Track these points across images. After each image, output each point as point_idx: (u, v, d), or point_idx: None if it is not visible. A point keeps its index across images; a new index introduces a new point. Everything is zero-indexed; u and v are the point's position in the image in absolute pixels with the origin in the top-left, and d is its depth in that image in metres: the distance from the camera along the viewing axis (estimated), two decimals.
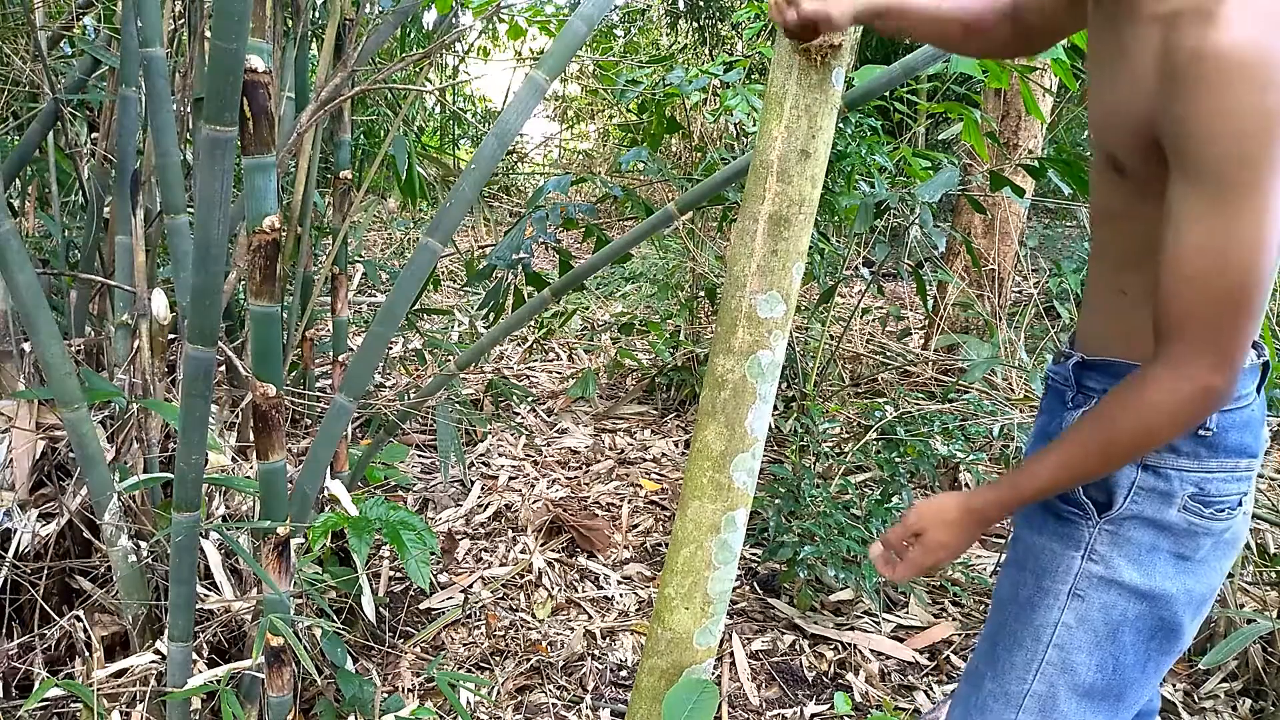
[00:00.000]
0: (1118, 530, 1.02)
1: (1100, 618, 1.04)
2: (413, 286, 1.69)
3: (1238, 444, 0.99)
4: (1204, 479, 0.99)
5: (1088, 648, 1.04)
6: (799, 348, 3.48)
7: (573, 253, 3.37)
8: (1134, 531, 1.02)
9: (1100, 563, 1.03)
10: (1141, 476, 1.00)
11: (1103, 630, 1.04)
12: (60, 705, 1.70)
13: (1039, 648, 1.07)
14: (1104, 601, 1.03)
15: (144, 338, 1.68)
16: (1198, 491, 0.99)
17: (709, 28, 6.39)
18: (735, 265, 1.45)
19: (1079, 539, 1.04)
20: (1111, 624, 1.03)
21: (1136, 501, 1.01)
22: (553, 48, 1.62)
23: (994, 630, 1.13)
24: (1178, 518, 1.00)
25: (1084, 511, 1.04)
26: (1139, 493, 1.01)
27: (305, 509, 1.65)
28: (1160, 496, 1.00)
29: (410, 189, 3.59)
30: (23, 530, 1.67)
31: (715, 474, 1.51)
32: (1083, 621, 1.04)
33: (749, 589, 2.49)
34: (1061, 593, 1.05)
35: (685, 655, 1.58)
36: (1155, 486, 1.00)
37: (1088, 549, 1.04)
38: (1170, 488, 1.00)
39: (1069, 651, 1.05)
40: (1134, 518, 1.02)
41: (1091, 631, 1.04)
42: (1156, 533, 1.01)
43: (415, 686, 2.01)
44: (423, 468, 3.11)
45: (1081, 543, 1.04)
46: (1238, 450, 0.99)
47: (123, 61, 1.75)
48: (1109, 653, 1.04)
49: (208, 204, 1.20)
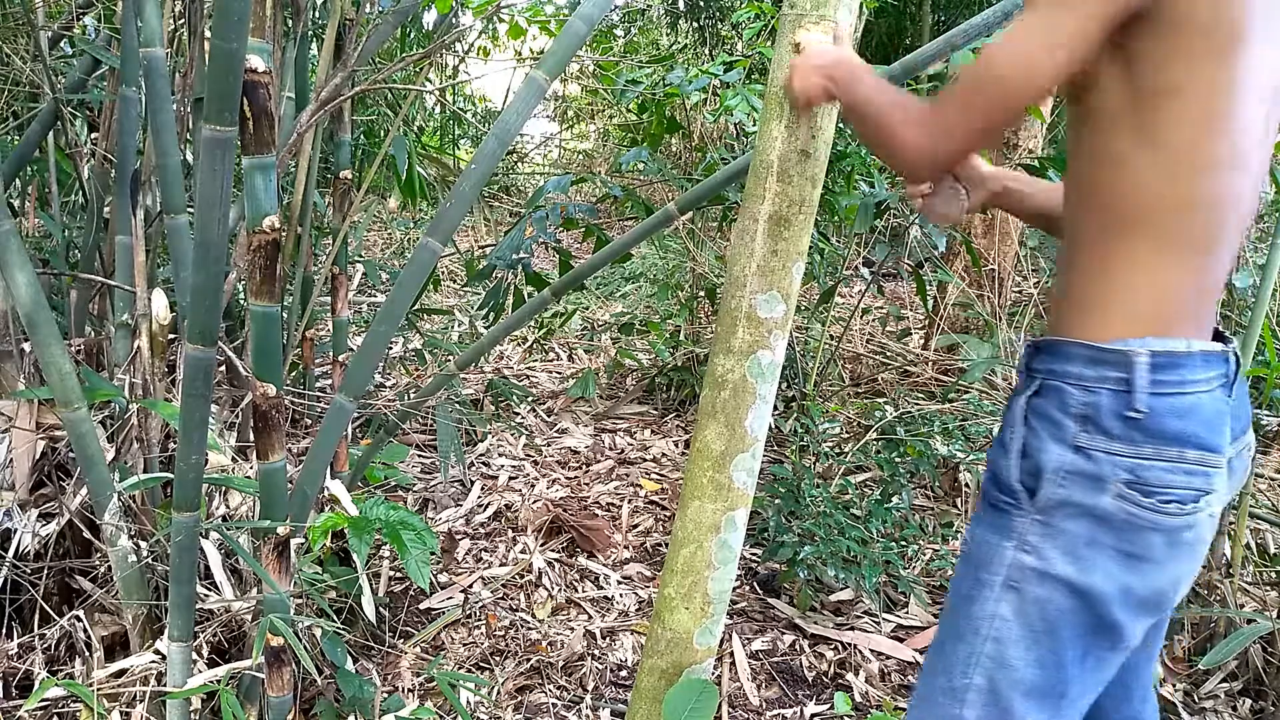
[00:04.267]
0: (1049, 520, 1.00)
1: (1036, 612, 1.01)
2: (413, 286, 1.69)
3: (1177, 431, 0.95)
4: (1139, 465, 0.95)
5: (1025, 642, 1.02)
6: (799, 348, 3.48)
7: (573, 253, 3.37)
8: (1069, 523, 0.99)
9: (1033, 554, 1.01)
10: (1071, 459, 0.98)
11: (1040, 625, 1.01)
12: (60, 705, 1.70)
13: (977, 640, 1.05)
14: (1039, 595, 1.01)
15: (144, 338, 1.68)
16: (1133, 479, 0.95)
17: (709, 28, 6.39)
18: (735, 265, 1.45)
19: (1011, 529, 1.02)
20: (1048, 619, 1.01)
21: (1064, 485, 0.98)
22: (553, 48, 1.62)
23: (942, 624, 1.12)
24: (1113, 506, 0.96)
25: (1016, 500, 1.02)
26: (1066, 476, 0.98)
27: (305, 509, 1.65)
28: (1090, 481, 0.97)
29: (410, 189, 3.60)
30: (23, 530, 1.67)
31: (715, 474, 1.51)
32: (1019, 615, 1.02)
33: (749, 589, 2.49)
34: (996, 584, 1.03)
35: (685, 655, 1.58)
36: (1083, 469, 0.97)
37: (1020, 539, 1.01)
38: (1099, 471, 0.96)
39: (1005, 645, 1.03)
40: (1066, 505, 0.98)
41: (1027, 626, 1.02)
42: (1094, 525, 0.97)
43: (415, 686, 2.01)
44: (423, 468, 3.11)
45: (1013, 533, 1.02)
46: (1178, 438, 0.95)
47: (123, 61, 1.75)
48: (1048, 649, 1.01)
49: (208, 204, 1.20)
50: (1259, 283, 2.05)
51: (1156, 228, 0.95)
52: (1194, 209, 0.94)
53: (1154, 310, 0.96)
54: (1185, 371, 0.95)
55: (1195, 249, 0.96)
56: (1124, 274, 0.97)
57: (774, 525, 2.37)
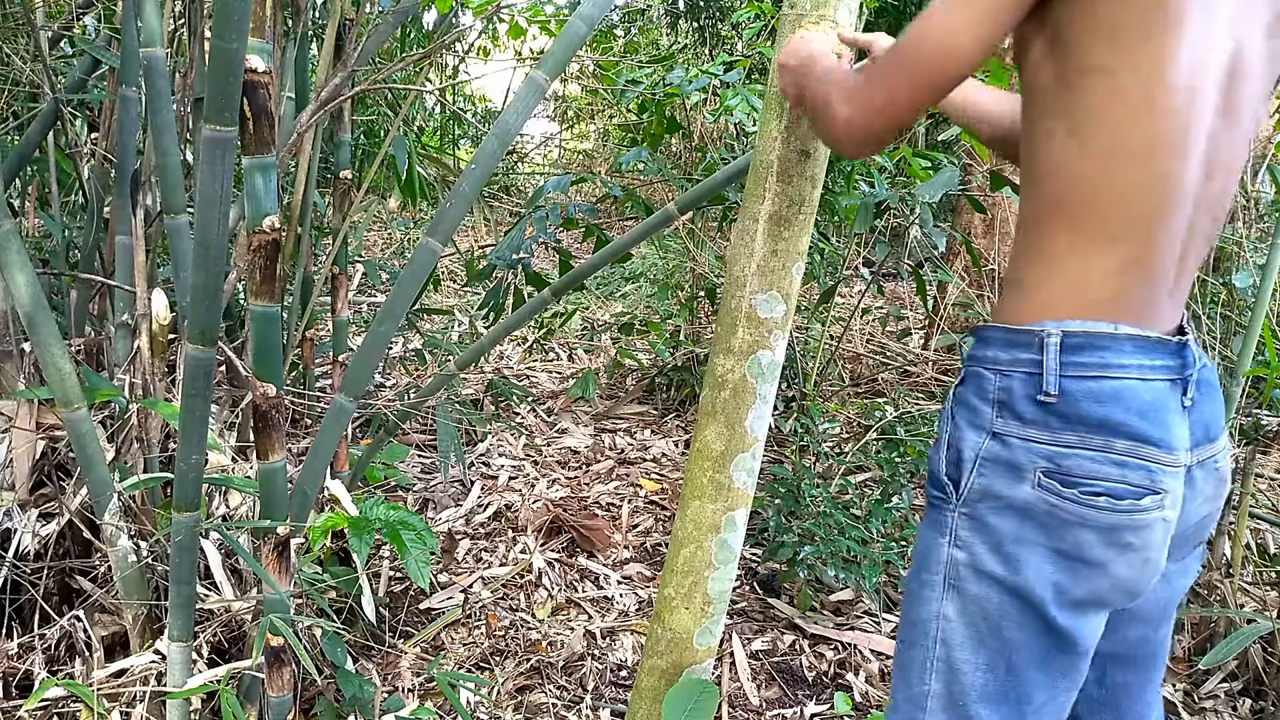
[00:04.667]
0: (974, 513, 0.95)
1: (978, 611, 0.96)
2: (413, 286, 1.69)
3: (1098, 417, 0.89)
4: (1058, 453, 0.90)
5: (971, 644, 0.97)
6: (799, 348, 3.48)
7: (573, 253, 3.37)
8: (994, 518, 0.94)
9: (964, 549, 0.96)
10: (988, 445, 0.94)
11: (983, 626, 0.96)
12: (60, 705, 1.70)
13: (928, 643, 1.00)
14: (977, 594, 0.96)
15: (144, 338, 1.68)
16: (1052, 467, 0.90)
17: (709, 28, 6.39)
18: (735, 265, 1.45)
19: (945, 524, 0.98)
20: (991, 619, 0.95)
21: (984, 474, 0.94)
22: (553, 48, 1.62)
23: (899, 630, 1.07)
24: (1033, 496, 0.91)
25: (945, 494, 0.98)
26: (985, 464, 0.94)
27: (305, 509, 1.65)
28: (1008, 469, 0.93)
29: (410, 189, 3.60)
30: (23, 530, 1.67)
31: (715, 474, 1.51)
32: (961, 615, 0.97)
33: (749, 589, 2.49)
34: (937, 583, 0.99)
35: (685, 655, 1.58)
36: (1000, 456, 0.93)
37: (953, 535, 0.97)
38: (1016, 458, 0.92)
39: (952, 648, 0.98)
40: (988, 497, 0.94)
41: (972, 627, 0.97)
42: (1019, 520, 0.92)
43: (415, 686, 2.01)
44: (423, 468, 3.11)
45: (946, 528, 0.98)
46: (1100, 425, 0.89)
47: (123, 61, 1.75)
48: (995, 651, 0.96)
49: (208, 204, 1.20)
50: (1259, 283, 2.05)
51: (1077, 212, 0.91)
52: (1118, 195, 0.89)
53: (1073, 293, 0.92)
54: (1108, 355, 0.90)
55: (1123, 236, 0.90)
56: (1045, 258, 0.93)
57: (774, 525, 2.37)
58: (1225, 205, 0.96)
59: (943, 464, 0.99)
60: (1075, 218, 0.91)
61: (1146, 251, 0.90)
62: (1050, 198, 0.92)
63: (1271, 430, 2.40)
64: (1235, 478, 2.17)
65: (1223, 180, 0.93)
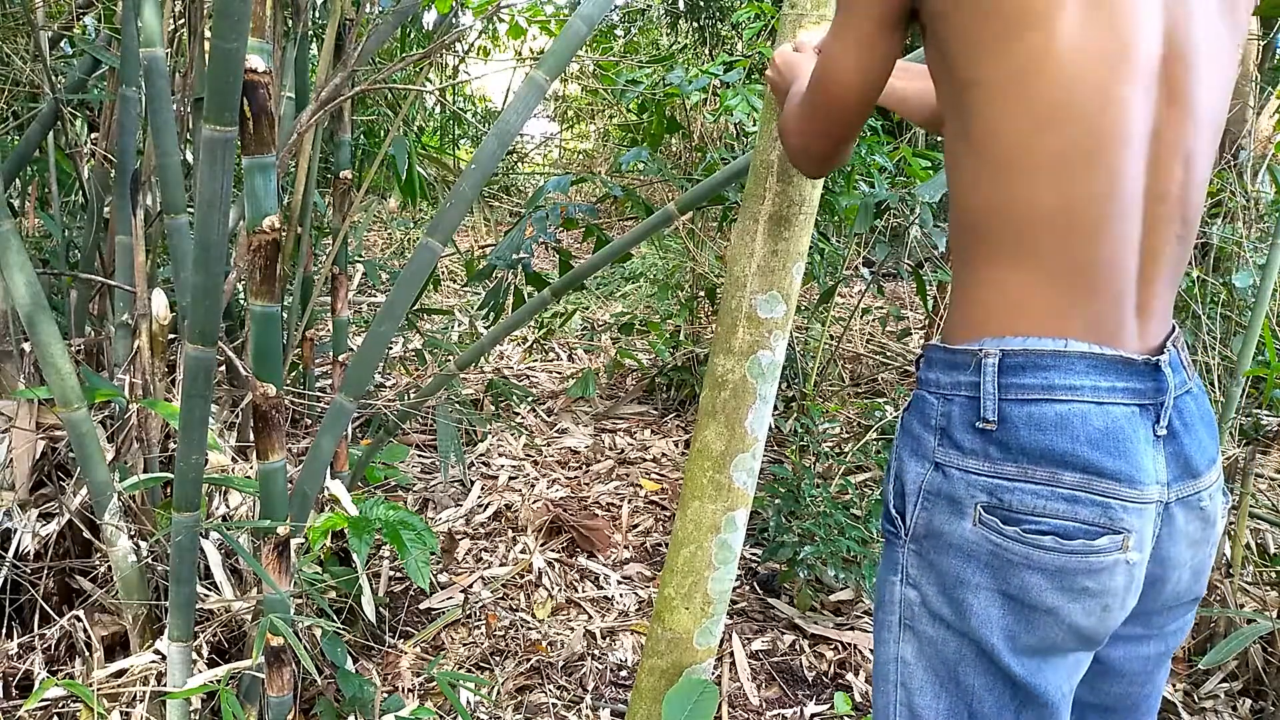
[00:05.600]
0: (921, 550, 0.87)
1: (934, 654, 0.88)
2: (413, 286, 1.69)
3: (1041, 447, 0.79)
4: (998, 485, 0.81)
5: (932, 690, 0.89)
6: (799, 348, 3.48)
7: (573, 253, 3.37)
8: (939, 558, 0.85)
9: (916, 588, 0.88)
10: (929, 477, 0.86)
11: (942, 670, 0.87)
12: (60, 705, 1.70)
13: (889, 688, 0.92)
14: (932, 635, 0.88)
15: (144, 338, 1.68)
16: (993, 502, 0.81)
17: (709, 28, 6.39)
18: (735, 265, 1.45)
19: (896, 561, 0.90)
20: (948, 664, 0.87)
21: (926, 508, 0.86)
22: (553, 48, 1.62)
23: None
24: (974, 534, 0.82)
25: (895, 529, 0.90)
26: (927, 498, 0.86)
27: (305, 509, 1.65)
28: (949, 504, 0.84)
29: (410, 189, 3.59)
30: (23, 530, 1.67)
31: (715, 474, 1.51)
32: (919, 658, 0.89)
33: (749, 589, 2.49)
34: (893, 624, 0.91)
35: (685, 655, 1.58)
36: (941, 489, 0.85)
37: (904, 573, 0.89)
38: (955, 491, 0.83)
39: (912, 693, 0.90)
40: (931, 535, 0.86)
41: (930, 671, 0.88)
42: (963, 561, 0.83)
43: (415, 686, 2.01)
44: (423, 468, 3.11)
45: (899, 565, 0.90)
46: (1044, 455, 0.79)
47: (123, 61, 1.75)
48: (956, 698, 0.87)
49: (208, 204, 1.20)
50: (1259, 283, 2.05)
51: (1005, 238, 0.82)
52: (1038, 215, 0.80)
53: (1012, 309, 0.82)
54: (1053, 375, 0.79)
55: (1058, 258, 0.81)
56: (979, 276, 0.85)
57: (774, 525, 2.37)
58: (1197, 198, 0.86)
59: (890, 496, 0.91)
60: (992, 236, 0.83)
61: (1088, 264, 0.81)
62: (967, 215, 0.85)
63: (1271, 430, 2.41)
64: (1235, 477, 2.16)
65: (1184, 172, 0.83)
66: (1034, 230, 0.81)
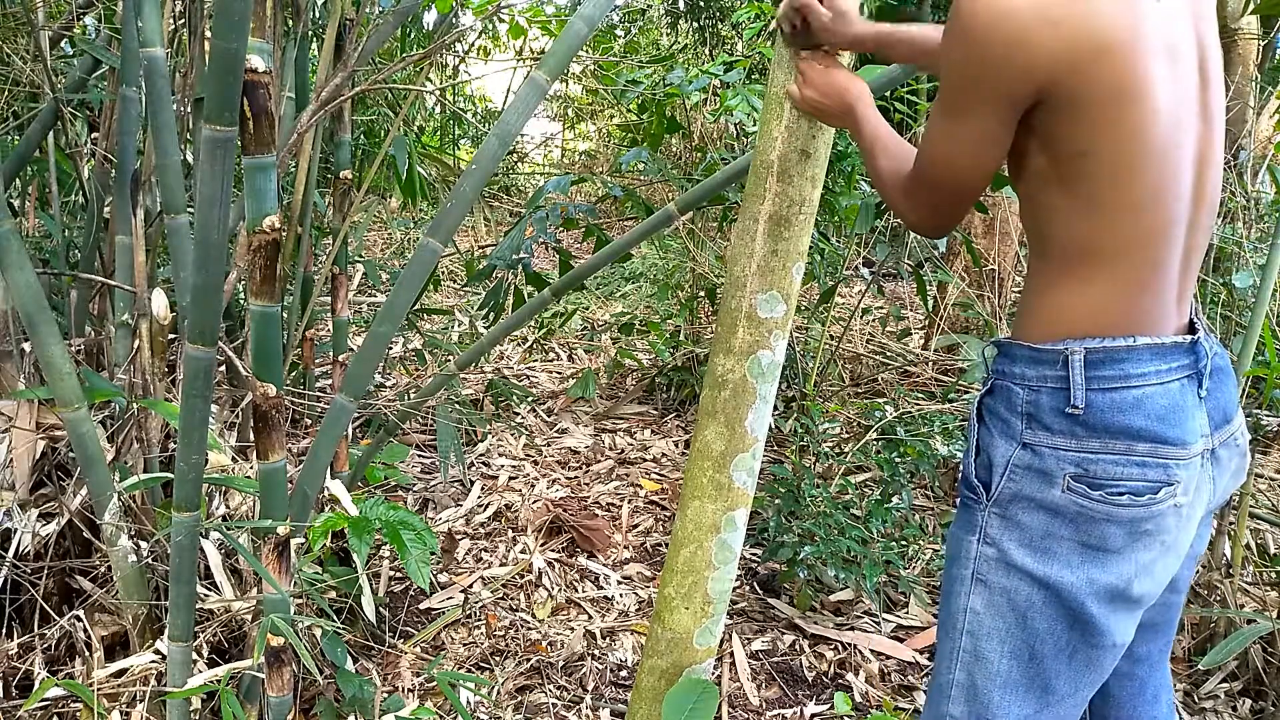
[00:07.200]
0: (1005, 513, 1.04)
1: (1005, 603, 1.04)
2: (413, 286, 1.69)
3: (1121, 425, 0.98)
4: (1085, 459, 0.99)
5: (998, 635, 1.05)
6: (799, 348, 3.48)
7: (573, 253, 3.37)
8: (1024, 515, 1.03)
9: (993, 545, 1.05)
10: (1018, 454, 1.02)
11: (1010, 616, 1.04)
12: (60, 705, 1.70)
13: (956, 635, 1.09)
14: (1005, 586, 1.04)
15: (144, 338, 1.68)
16: (1081, 472, 0.99)
17: (709, 28, 6.39)
18: (735, 265, 1.45)
19: (974, 523, 1.07)
20: (1018, 610, 1.04)
21: (1014, 479, 1.03)
22: (554, 48, 1.62)
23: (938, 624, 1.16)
24: (1064, 499, 1.00)
25: (977, 495, 1.06)
26: (1016, 471, 1.02)
27: (305, 509, 1.65)
28: (1039, 476, 1.01)
29: (410, 189, 3.60)
30: (23, 530, 1.67)
31: (715, 474, 1.51)
32: (989, 607, 1.05)
33: (749, 589, 2.49)
34: (966, 578, 1.07)
35: (685, 655, 1.58)
36: (1032, 464, 1.01)
37: (981, 533, 1.06)
38: (1047, 466, 1.00)
39: (979, 639, 1.07)
40: (1019, 499, 1.03)
41: (999, 617, 1.05)
42: (1050, 517, 1.01)
43: (415, 686, 2.01)
44: (423, 468, 3.11)
45: (976, 527, 1.06)
46: (1123, 432, 0.98)
47: (123, 61, 1.75)
48: (1021, 640, 1.04)
49: (208, 204, 1.20)
50: (1259, 283, 2.05)
51: (1087, 259, 1.00)
52: (1119, 242, 0.98)
53: (1092, 316, 1.00)
54: (1128, 366, 0.98)
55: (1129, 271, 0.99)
56: (1064, 290, 1.02)
57: (774, 525, 2.37)
58: (1218, 195, 1.05)
59: (973, 468, 1.07)
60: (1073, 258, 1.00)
61: (1155, 272, 0.99)
62: (1060, 252, 1.01)
63: (1271, 430, 2.40)
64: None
65: (1214, 175, 1.02)
66: (1114, 254, 0.98)
